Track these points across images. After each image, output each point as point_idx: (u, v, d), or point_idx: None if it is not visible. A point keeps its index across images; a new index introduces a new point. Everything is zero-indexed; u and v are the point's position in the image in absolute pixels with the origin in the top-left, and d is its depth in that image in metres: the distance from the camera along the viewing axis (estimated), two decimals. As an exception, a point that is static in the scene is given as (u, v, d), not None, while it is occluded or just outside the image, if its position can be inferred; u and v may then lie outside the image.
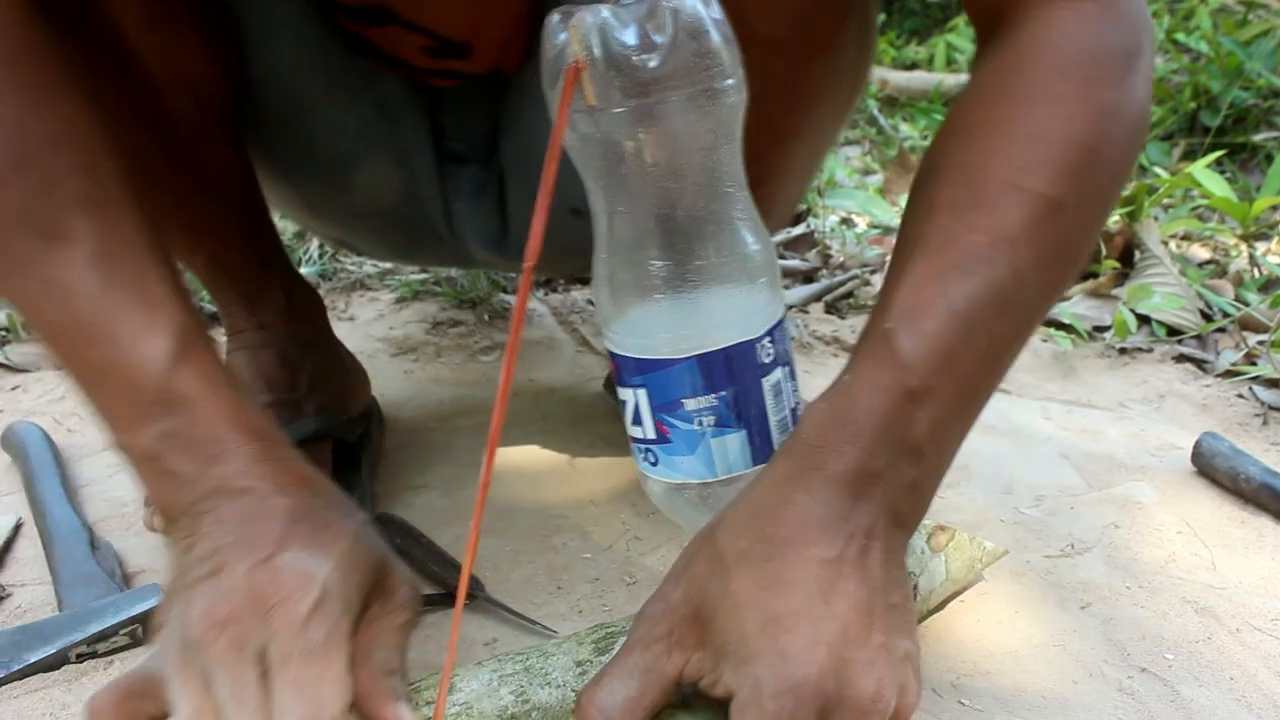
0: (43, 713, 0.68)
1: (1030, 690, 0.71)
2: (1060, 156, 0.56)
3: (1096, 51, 0.57)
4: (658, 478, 0.60)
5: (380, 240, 1.04)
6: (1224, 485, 0.99)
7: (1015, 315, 0.57)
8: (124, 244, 0.58)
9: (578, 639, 0.62)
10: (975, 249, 0.55)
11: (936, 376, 0.54)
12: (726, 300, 0.55)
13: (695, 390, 0.56)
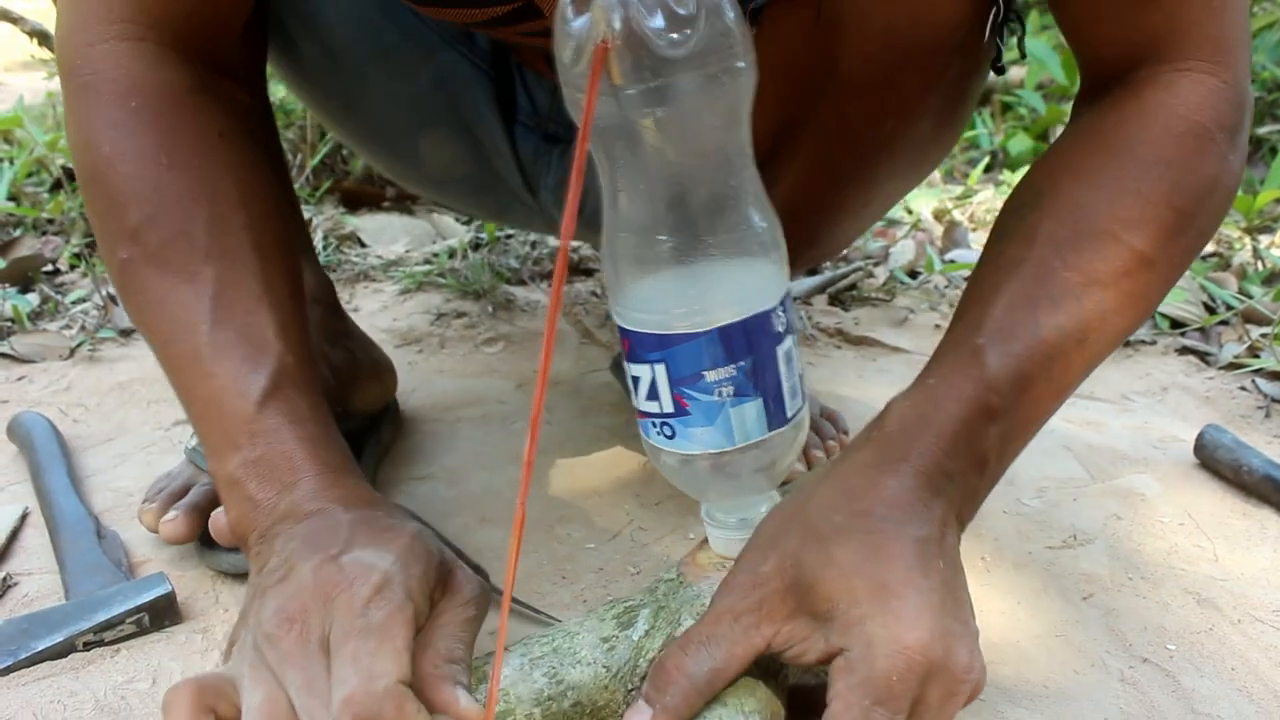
0: (50, 700, 0.68)
1: (1032, 680, 0.71)
2: (1160, 218, 0.61)
3: (1209, 125, 0.61)
4: (674, 450, 0.60)
5: (473, 203, 1.12)
6: (1226, 478, 1.00)
7: (1089, 352, 0.61)
8: (241, 290, 0.64)
9: (598, 616, 0.63)
10: (1068, 285, 0.60)
11: (1013, 398, 0.59)
12: (743, 273, 0.56)
13: (715, 362, 0.57)
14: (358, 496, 0.62)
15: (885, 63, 0.70)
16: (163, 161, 0.64)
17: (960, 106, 0.81)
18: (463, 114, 0.93)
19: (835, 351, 1.30)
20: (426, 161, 0.99)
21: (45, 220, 1.67)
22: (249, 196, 0.67)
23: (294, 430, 0.62)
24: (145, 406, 1.14)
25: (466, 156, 0.97)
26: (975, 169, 2.00)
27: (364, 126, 1.00)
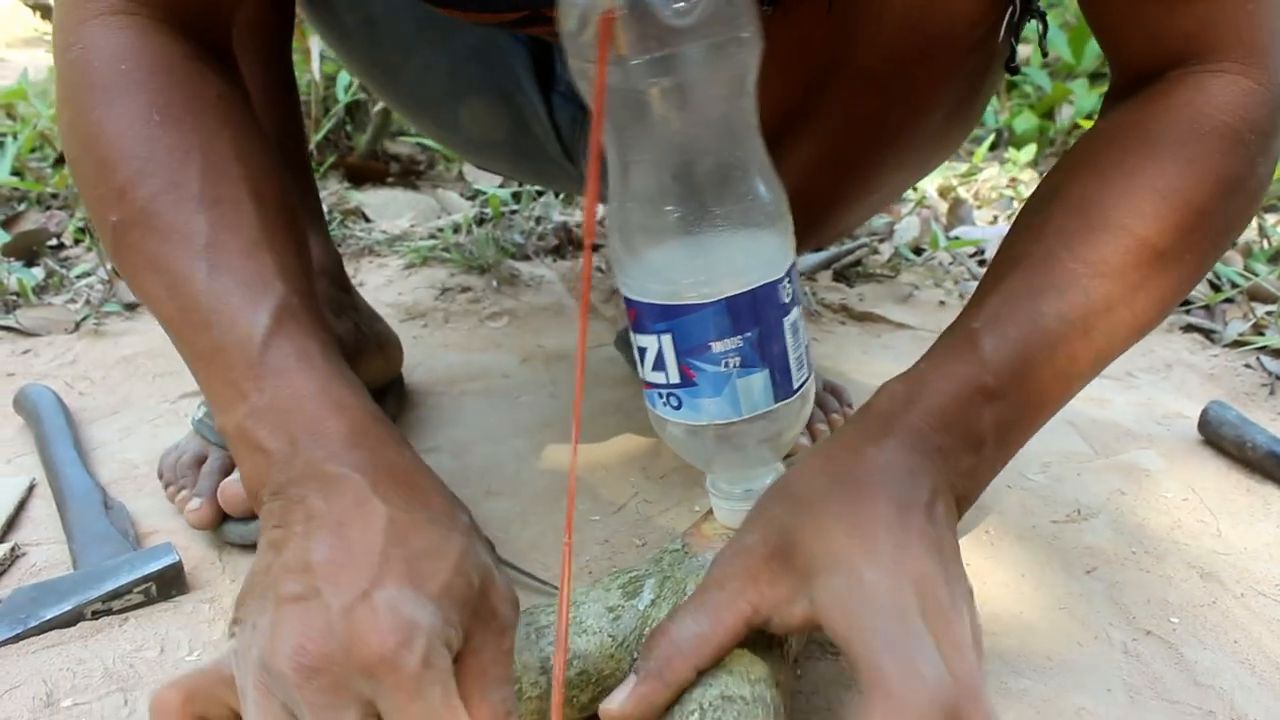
0: (59, 667, 0.69)
1: (1036, 652, 0.71)
2: (1175, 213, 0.59)
3: (1239, 127, 0.60)
4: (681, 421, 0.60)
5: (512, 168, 1.13)
6: (1230, 454, 1.00)
7: (1098, 343, 0.60)
8: (237, 235, 0.59)
9: (604, 586, 0.63)
10: (1073, 275, 0.59)
11: (1011, 380, 0.58)
12: (750, 243, 0.56)
13: (722, 333, 0.57)
14: (387, 465, 0.55)
15: (898, 54, 0.70)
16: (154, 119, 0.60)
17: (972, 104, 0.81)
18: (501, 82, 0.94)
19: (839, 327, 1.30)
20: (467, 128, 1.00)
21: (49, 195, 1.67)
22: (246, 152, 0.63)
23: (304, 372, 0.56)
24: (151, 380, 1.14)
25: (506, 124, 0.97)
26: (980, 147, 1.99)
27: (406, 94, 1.00)
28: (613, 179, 0.57)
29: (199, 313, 0.58)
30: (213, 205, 0.60)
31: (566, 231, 1.53)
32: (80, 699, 0.66)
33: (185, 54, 0.64)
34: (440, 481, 0.59)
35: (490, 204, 1.59)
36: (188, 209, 0.59)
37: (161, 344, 1.22)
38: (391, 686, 0.48)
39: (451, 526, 0.55)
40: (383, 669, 0.48)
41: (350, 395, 0.57)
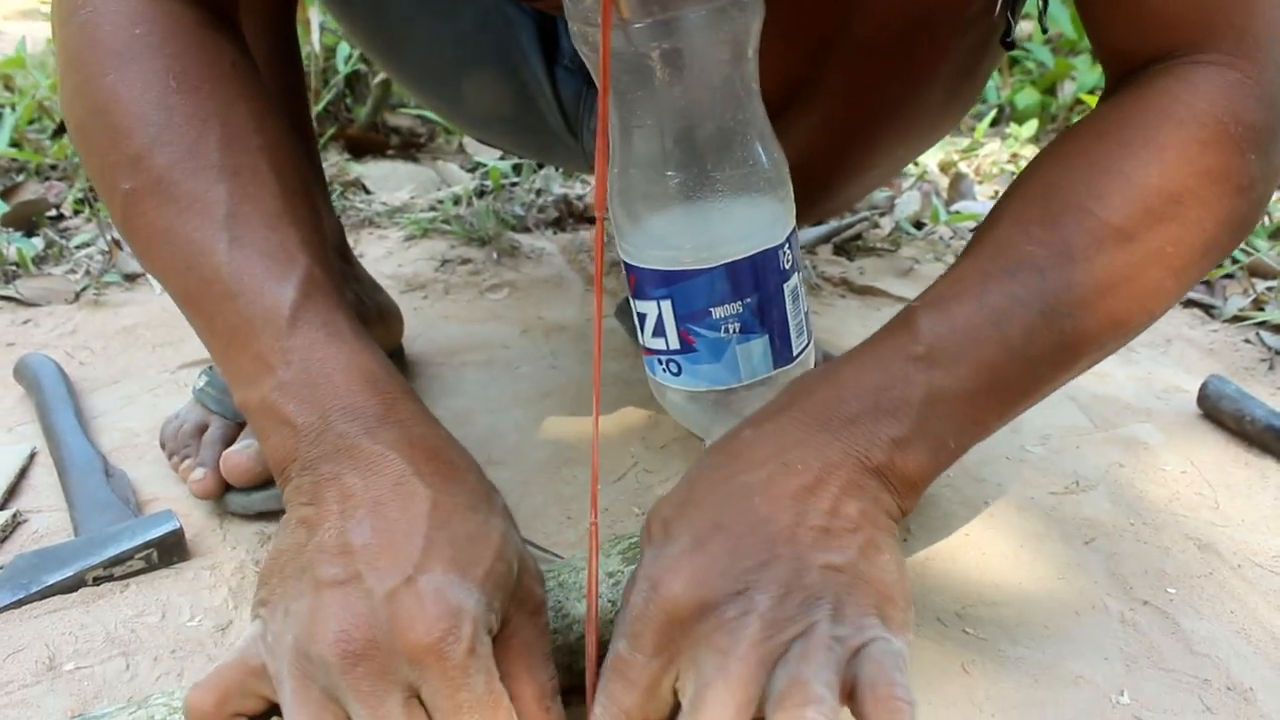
0: (62, 632, 0.69)
1: (1034, 620, 0.72)
2: (1142, 198, 0.56)
3: (1223, 117, 0.56)
4: (680, 387, 0.61)
5: (515, 142, 1.09)
6: (1229, 428, 1.00)
7: (1063, 328, 0.56)
8: (256, 206, 0.58)
9: (604, 552, 0.63)
10: (1029, 258, 0.56)
11: (948, 350, 0.55)
12: (750, 209, 0.56)
13: (722, 298, 0.57)
14: (421, 442, 0.55)
15: (897, 27, 0.69)
16: (170, 85, 0.59)
17: (972, 78, 0.81)
18: (506, 54, 0.93)
19: (840, 301, 1.30)
20: (470, 101, 0.99)
21: (49, 166, 1.66)
22: (263, 122, 0.62)
23: (333, 345, 0.55)
24: (151, 350, 1.14)
25: (509, 97, 0.97)
26: (982, 122, 1.98)
27: (409, 65, 0.99)
28: (615, 145, 0.57)
29: (220, 284, 0.56)
30: (233, 175, 0.58)
31: (567, 204, 1.53)
32: (82, 663, 0.67)
33: (198, 20, 0.62)
34: (473, 460, 0.58)
35: (491, 176, 1.59)
36: (207, 178, 0.58)
37: (161, 314, 1.22)
38: (437, 674, 0.48)
39: (490, 510, 0.55)
40: (430, 657, 0.48)
41: (380, 369, 0.57)
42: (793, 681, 0.47)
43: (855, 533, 0.52)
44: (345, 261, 1.03)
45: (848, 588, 0.50)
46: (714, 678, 0.48)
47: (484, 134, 1.13)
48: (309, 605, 0.50)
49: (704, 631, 0.49)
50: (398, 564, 0.49)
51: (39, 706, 0.63)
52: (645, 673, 0.50)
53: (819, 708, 0.46)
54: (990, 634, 0.70)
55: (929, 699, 0.64)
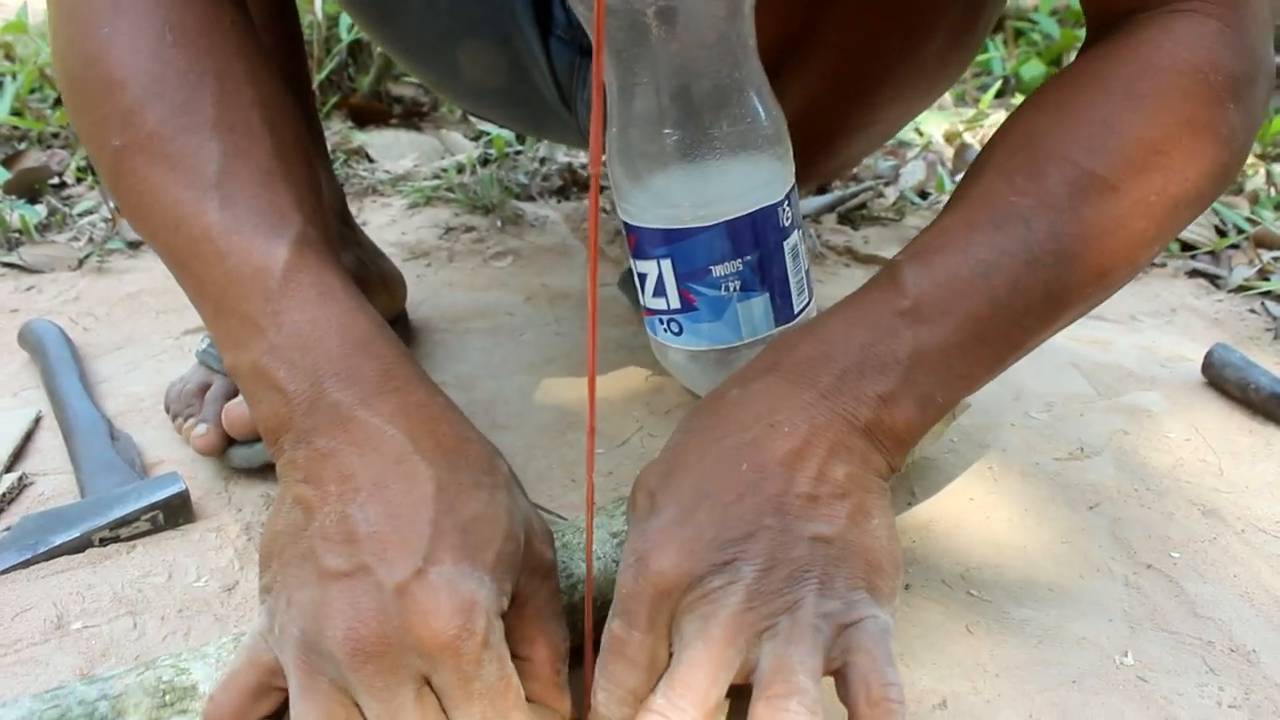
0: (69, 591, 0.69)
1: (1038, 583, 0.72)
2: (1124, 148, 0.56)
3: (1202, 66, 0.56)
4: (682, 346, 0.60)
5: (508, 115, 1.07)
6: (1233, 396, 1.00)
7: (1047, 277, 0.55)
8: (249, 163, 0.56)
9: (608, 513, 0.63)
10: (1013, 208, 0.55)
11: (934, 304, 0.54)
12: (748, 166, 0.56)
13: (722, 256, 0.57)
14: (420, 413, 0.53)
15: None
16: (166, 39, 0.57)
17: (970, 33, 0.80)
18: (500, 24, 0.93)
19: (844, 270, 1.29)
20: (463, 72, 0.98)
21: (50, 134, 1.66)
22: (260, 79, 0.60)
23: (325, 306, 0.53)
24: (154, 316, 1.14)
25: (503, 68, 0.96)
26: (987, 93, 1.97)
27: (402, 35, 0.98)
28: (613, 105, 0.57)
29: (210, 244, 0.55)
30: (227, 132, 0.57)
31: (571, 173, 1.53)
32: (90, 622, 0.67)
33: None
34: (472, 425, 0.57)
35: (495, 145, 1.59)
36: (200, 135, 0.56)
37: (165, 281, 1.22)
38: (451, 669, 0.47)
39: (494, 484, 0.53)
40: (444, 654, 0.47)
41: (375, 331, 0.55)
42: (778, 665, 0.47)
43: (844, 499, 0.51)
44: (347, 227, 1.02)
45: (836, 560, 0.50)
46: (692, 640, 0.48)
47: (476, 106, 1.12)
48: (314, 597, 0.49)
49: (689, 602, 0.49)
50: (406, 555, 0.48)
51: (47, 664, 0.63)
52: (643, 650, 0.50)
53: (802, 699, 0.46)
54: (994, 596, 0.71)
55: (934, 659, 0.65)
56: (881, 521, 0.52)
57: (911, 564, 0.73)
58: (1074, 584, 0.72)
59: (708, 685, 0.47)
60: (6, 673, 0.62)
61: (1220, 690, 0.64)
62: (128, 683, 0.51)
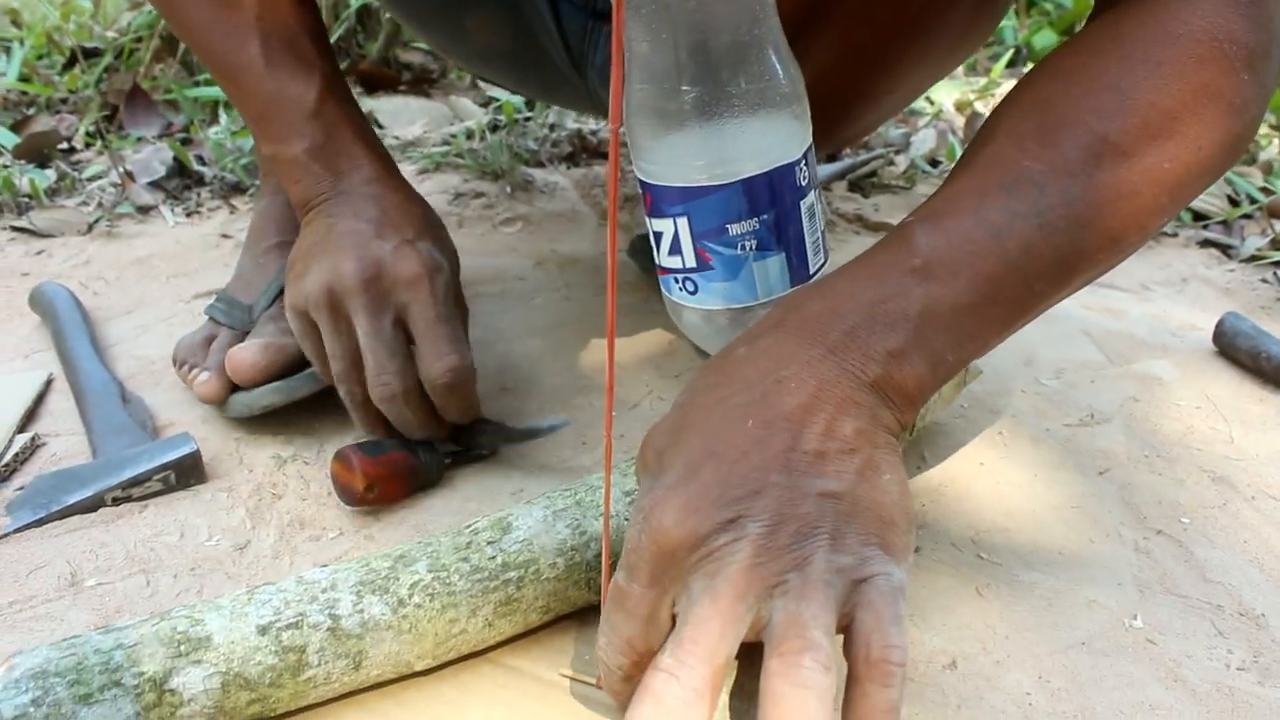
0: (82, 550, 0.70)
1: (1048, 547, 0.72)
2: (1140, 113, 0.55)
3: (1218, 35, 0.55)
4: (697, 306, 0.60)
5: (516, 80, 1.13)
6: (1244, 365, 1.00)
7: (1059, 242, 0.55)
8: (279, 12, 0.76)
9: (620, 471, 0.63)
10: (1026, 172, 0.55)
11: (945, 263, 0.54)
12: (766, 124, 0.56)
13: (739, 214, 0.56)
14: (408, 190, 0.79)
15: None
16: None
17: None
18: None
19: (854, 237, 1.29)
20: (473, 36, 0.98)
21: (59, 100, 1.65)
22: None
23: (350, 127, 0.78)
24: (165, 281, 1.14)
25: (512, 33, 0.95)
26: (999, 63, 1.96)
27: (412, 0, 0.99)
28: (630, 62, 0.57)
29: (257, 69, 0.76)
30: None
31: (580, 139, 1.52)
32: (104, 579, 0.67)
33: None
34: None
35: (504, 111, 1.58)
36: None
37: (174, 246, 1.22)
38: (422, 298, 0.72)
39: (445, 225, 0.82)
40: (418, 284, 0.72)
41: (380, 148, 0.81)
42: (790, 621, 0.47)
43: (852, 454, 0.51)
44: None
45: (846, 516, 0.49)
46: (699, 598, 0.48)
47: (485, 71, 1.11)
48: (334, 258, 0.73)
49: (695, 561, 0.49)
50: (400, 231, 0.75)
51: (62, 620, 0.63)
52: (642, 603, 0.50)
53: (814, 655, 0.45)
54: (1004, 559, 0.71)
55: (944, 621, 0.65)
56: (893, 477, 0.52)
57: (922, 527, 0.73)
58: (1084, 548, 0.72)
59: (716, 641, 0.47)
60: (23, 628, 0.63)
61: (1229, 653, 0.64)
62: (143, 632, 0.52)
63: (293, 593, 0.55)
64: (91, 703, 0.49)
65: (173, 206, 1.34)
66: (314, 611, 0.54)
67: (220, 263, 1.18)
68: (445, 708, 0.57)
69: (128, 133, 1.55)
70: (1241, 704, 0.60)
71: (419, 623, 0.56)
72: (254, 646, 0.53)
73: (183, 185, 1.39)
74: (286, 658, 0.53)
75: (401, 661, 0.56)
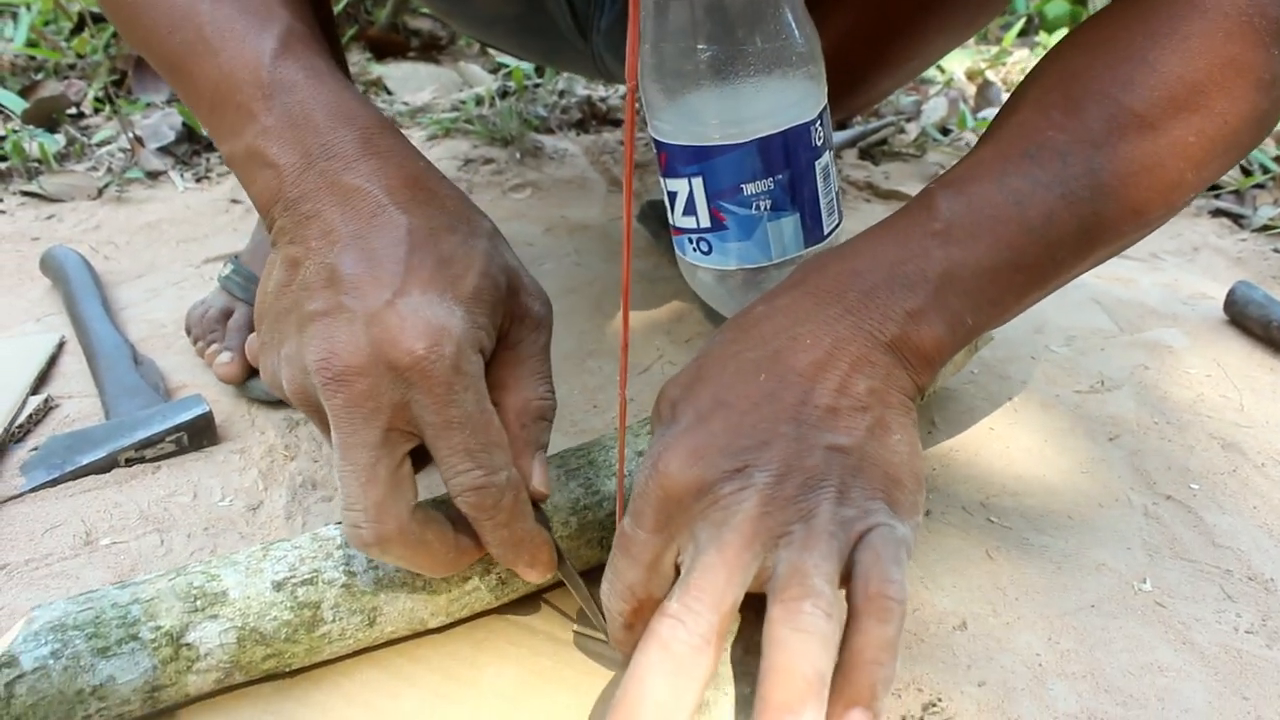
0: (97, 509, 0.70)
1: (1057, 511, 0.72)
2: (1167, 87, 0.55)
3: (1248, 9, 0.54)
4: (711, 266, 0.60)
5: (520, 45, 1.06)
6: (1255, 333, 0.99)
7: (1083, 213, 0.55)
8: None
9: (632, 431, 0.64)
10: (1050, 142, 0.55)
11: (967, 227, 0.54)
12: (781, 84, 0.55)
13: (754, 174, 0.56)
14: (401, 173, 0.54)
15: None
16: None
17: None
18: None
19: (864, 205, 1.29)
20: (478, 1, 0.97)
21: (66, 65, 1.65)
22: None
23: (312, 86, 0.55)
24: (175, 245, 1.14)
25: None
26: (1010, 31, 1.95)
27: None
28: (646, 20, 0.56)
29: (203, 43, 0.57)
30: None
31: (590, 105, 1.52)
32: (118, 538, 0.68)
33: None
34: (456, 187, 0.57)
35: (514, 77, 1.58)
36: None
37: (185, 211, 1.22)
38: (424, 391, 0.49)
39: (471, 230, 0.54)
40: (413, 374, 0.49)
41: (359, 106, 0.56)
42: (793, 570, 0.47)
43: (864, 412, 0.51)
44: None
45: (853, 470, 0.49)
46: (707, 546, 0.48)
47: (488, 36, 1.09)
48: (297, 342, 0.51)
49: (701, 509, 0.49)
50: (378, 289, 0.50)
51: (78, 577, 0.64)
52: (647, 549, 0.50)
53: (816, 601, 0.45)
54: (1014, 523, 0.71)
55: (954, 583, 0.65)
56: (903, 437, 0.52)
57: (932, 491, 0.74)
58: (1093, 513, 0.73)
59: (722, 588, 0.47)
60: (39, 585, 0.63)
61: (1238, 616, 0.64)
62: (159, 587, 0.52)
63: (308, 549, 0.55)
64: (109, 655, 0.50)
65: (182, 172, 1.34)
66: (329, 568, 0.55)
67: (230, 228, 1.18)
68: (459, 664, 0.57)
69: (136, 98, 1.55)
70: (1249, 666, 0.60)
71: (433, 580, 0.56)
72: (269, 602, 0.53)
73: (192, 151, 1.39)
74: (301, 613, 0.54)
75: (416, 618, 0.57)
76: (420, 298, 0.50)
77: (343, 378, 0.49)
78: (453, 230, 0.53)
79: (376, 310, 0.49)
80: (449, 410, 0.50)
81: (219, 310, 0.88)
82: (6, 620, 0.60)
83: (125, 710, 0.51)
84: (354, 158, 0.54)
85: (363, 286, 0.50)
